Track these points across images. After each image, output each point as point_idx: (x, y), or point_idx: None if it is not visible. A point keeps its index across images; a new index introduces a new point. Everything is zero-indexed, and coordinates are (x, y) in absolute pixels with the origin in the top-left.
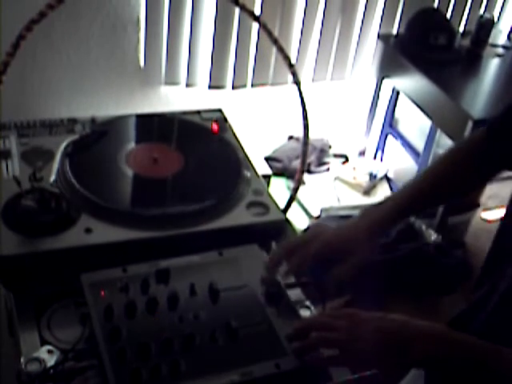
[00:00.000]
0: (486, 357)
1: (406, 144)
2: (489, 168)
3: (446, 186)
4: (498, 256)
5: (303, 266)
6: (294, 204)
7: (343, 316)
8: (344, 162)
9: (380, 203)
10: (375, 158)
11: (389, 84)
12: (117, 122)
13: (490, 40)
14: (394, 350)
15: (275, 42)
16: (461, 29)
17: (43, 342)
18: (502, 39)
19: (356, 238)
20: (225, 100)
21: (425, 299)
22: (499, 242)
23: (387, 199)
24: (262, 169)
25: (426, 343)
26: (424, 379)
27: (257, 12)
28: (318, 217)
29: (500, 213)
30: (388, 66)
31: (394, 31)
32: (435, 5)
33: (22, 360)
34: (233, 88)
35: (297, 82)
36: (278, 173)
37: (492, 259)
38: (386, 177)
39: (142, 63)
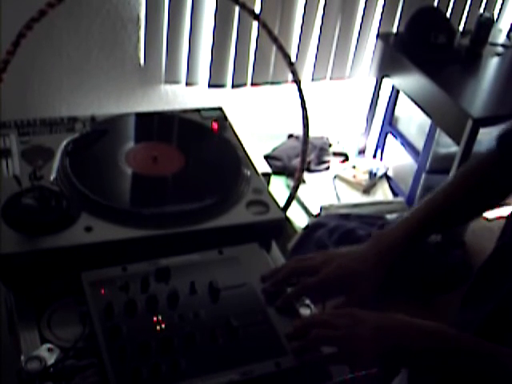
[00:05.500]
0: (486, 355)
1: (406, 143)
2: (505, 183)
3: (462, 204)
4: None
5: (303, 295)
6: (294, 202)
7: (343, 314)
8: (344, 161)
9: (392, 227)
10: (375, 156)
11: (388, 83)
12: (117, 120)
13: (490, 39)
14: (394, 348)
15: (275, 40)
16: (460, 28)
17: (43, 341)
18: (501, 38)
19: (361, 270)
20: (225, 98)
21: (424, 298)
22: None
23: (399, 223)
24: (262, 167)
25: (426, 341)
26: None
27: (257, 10)
28: (318, 215)
29: (501, 211)
30: (388, 65)
31: (394, 30)
32: (435, 4)
33: (22, 358)
34: (233, 86)
35: (296, 81)
36: (278, 171)
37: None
38: (385, 175)
39: (142, 62)
